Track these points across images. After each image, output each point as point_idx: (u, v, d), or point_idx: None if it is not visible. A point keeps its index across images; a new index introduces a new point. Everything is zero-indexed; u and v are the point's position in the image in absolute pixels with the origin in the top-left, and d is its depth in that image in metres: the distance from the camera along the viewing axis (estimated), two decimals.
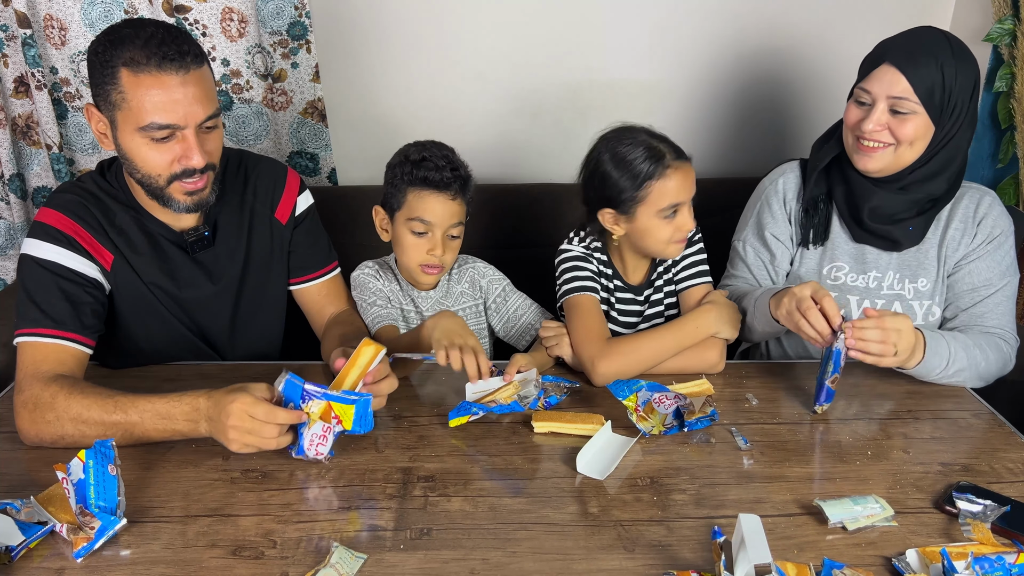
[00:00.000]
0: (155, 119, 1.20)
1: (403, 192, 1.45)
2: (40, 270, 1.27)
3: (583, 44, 2.14)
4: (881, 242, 1.48)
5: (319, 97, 2.09)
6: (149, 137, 1.22)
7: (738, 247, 1.61)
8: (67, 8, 1.90)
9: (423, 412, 1.30)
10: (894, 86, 1.35)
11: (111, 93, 1.21)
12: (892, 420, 1.30)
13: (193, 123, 1.23)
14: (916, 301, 1.48)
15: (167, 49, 1.19)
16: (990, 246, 1.44)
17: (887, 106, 1.36)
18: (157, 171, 1.26)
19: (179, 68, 1.20)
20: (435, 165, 1.43)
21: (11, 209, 1.99)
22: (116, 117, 1.23)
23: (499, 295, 1.61)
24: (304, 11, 1.99)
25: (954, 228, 1.46)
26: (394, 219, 1.49)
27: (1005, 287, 1.44)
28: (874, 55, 1.41)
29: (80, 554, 0.96)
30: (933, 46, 1.35)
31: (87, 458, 0.99)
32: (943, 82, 1.33)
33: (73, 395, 1.16)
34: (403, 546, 0.99)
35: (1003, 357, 1.41)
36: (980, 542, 0.99)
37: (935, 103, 1.34)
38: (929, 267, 1.48)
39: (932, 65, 1.33)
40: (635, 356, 1.39)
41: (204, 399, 1.13)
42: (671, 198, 1.38)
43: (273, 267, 1.50)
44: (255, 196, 1.47)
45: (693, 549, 0.99)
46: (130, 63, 1.18)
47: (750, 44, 2.17)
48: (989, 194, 1.48)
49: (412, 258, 1.48)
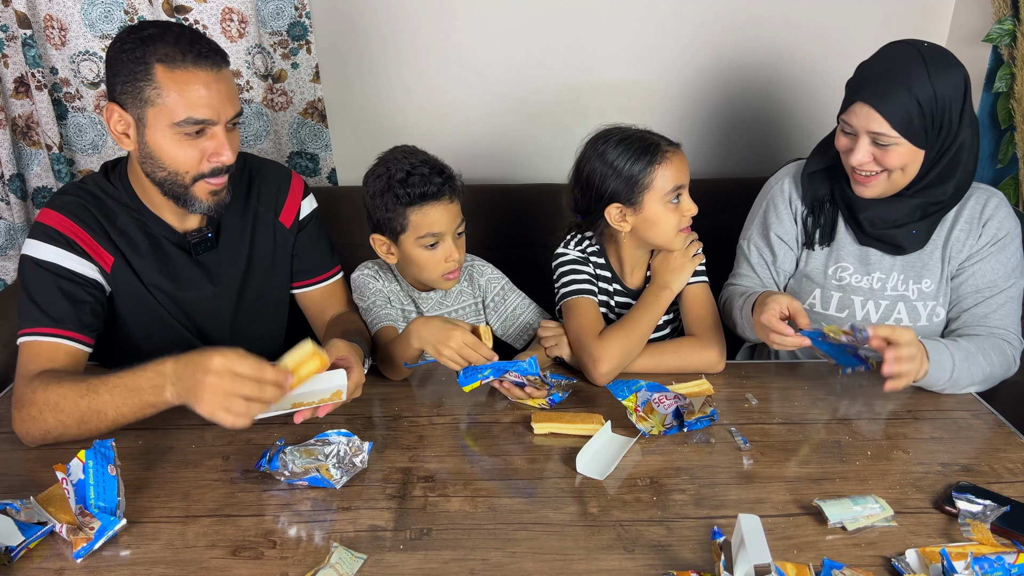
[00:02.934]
0: (192, 114, 1.21)
1: (402, 215, 1.43)
2: (40, 271, 1.27)
3: (583, 44, 2.14)
4: (885, 246, 1.48)
5: (319, 97, 2.09)
6: (182, 133, 1.23)
7: (743, 246, 1.61)
8: (67, 8, 1.90)
9: (423, 412, 1.31)
10: (871, 122, 1.33)
11: (144, 89, 1.21)
12: (892, 420, 1.30)
13: (224, 120, 1.25)
14: (920, 302, 1.48)
15: (200, 47, 1.21)
16: (995, 247, 1.43)
17: (869, 139, 1.35)
18: (185, 168, 1.26)
19: (212, 65, 1.22)
20: (422, 176, 1.41)
21: (11, 209, 1.99)
22: (146, 114, 1.22)
23: (498, 293, 1.61)
24: (304, 11, 1.99)
25: (959, 229, 1.45)
26: (399, 242, 1.46)
27: (1010, 288, 1.43)
28: (851, 87, 1.39)
29: (80, 554, 0.96)
30: (905, 73, 1.32)
31: (87, 459, 0.99)
32: (920, 108, 1.31)
33: (51, 386, 1.17)
34: (403, 546, 0.99)
35: (1007, 360, 1.39)
36: (980, 542, 0.99)
37: (916, 130, 1.32)
38: (933, 268, 1.47)
39: (905, 95, 1.31)
40: (627, 343, 1.40)
41: (170, 363, 1.09)
42: (673, 181, 1.41)
43: (276, 271, 1.51)
44: (259, 199, 1.47)
45: (693, 549, 0.99)
46: (165, 59, 1.20)
47: (751, 44, 2.17)
48: (996, 195, 1.46)
49: (433, 271, 1.47)
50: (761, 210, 1.59)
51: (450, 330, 1.27)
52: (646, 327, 1.43)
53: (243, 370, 1.04)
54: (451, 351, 1.26)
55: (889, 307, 1.49)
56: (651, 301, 1.46)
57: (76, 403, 1.14)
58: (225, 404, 1.03)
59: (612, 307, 1.56)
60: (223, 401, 1.03)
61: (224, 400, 1.03)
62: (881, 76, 1.34)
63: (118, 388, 1.13)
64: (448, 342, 1.26)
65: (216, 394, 1.03)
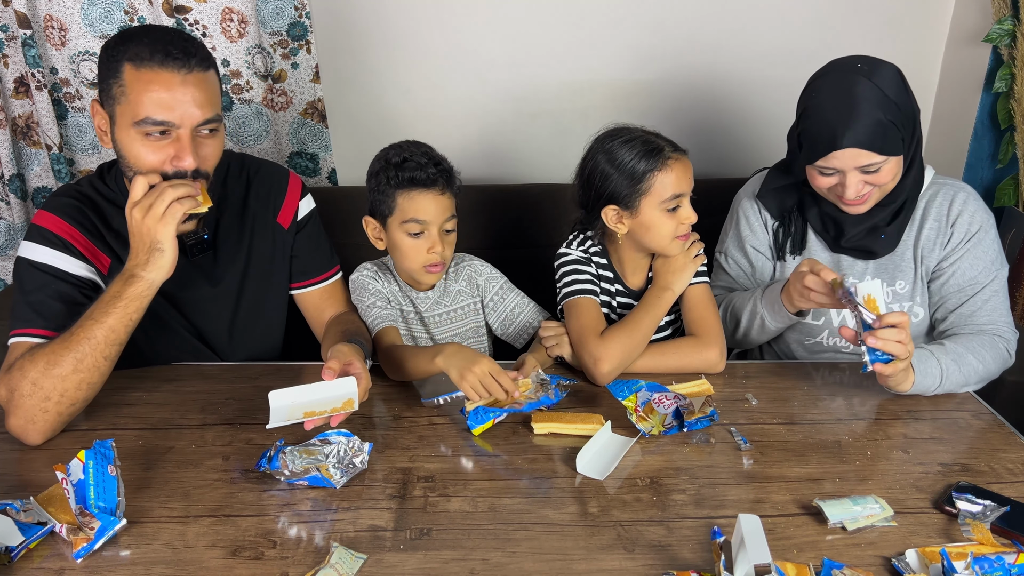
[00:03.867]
0: (151, 115, 1.20)
1: (391, 197, 1.45)
2: (36, 273, 1.27)
3: (583, 44, 2.14)
4: (857, 253, 1.49)
5: (319, 97, 2.09)
6: (143, 133, 1.22)
7: (720, 260, 1.63)
8: (67, 8, 1.90)
9: (423, 412, 1.31)
10: (858, 159, 1.32)
11: (113, 87, 1.22)
12: (892, 420, 1.30)
13: (189, 124, 1.23)
14: (896, 304, 1.48)
15: (172, 48, 1.20)
16: (969, 243, 1.43)
17: (859, 172, 1.34)
18: (147, 169, 1.24)
19: (181, 67, 1.21)
20: (417, 164, 1.43)
21: (11, 209, 1.99)
22: (116, 111, 1.23)
23: (496, 293, 1.61)
24: (304, 11, 1.99)
25: (928, 228, 1.45)
26: (387, 226, 1.48)
27: (992, 282, 1.43)
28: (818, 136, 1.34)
29: (80, 555, 0.96)
30: (864, 100, 1.30)
31: (87, 459, 0.99)
32: (892, 123, 1.31)
33: (35, 353, 1.18)
34: (403, 546, 0.99)
35: (1000, 355, 1.40)
36: (980, 542, 0.99)
37: (894, 143, 1.32)
38: (906, 269, 1.47)
39: (878, 121, 1.30)
40: (629, 344, 1.40)
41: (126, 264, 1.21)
42: (673, 188, 1.39)
43: (274, 271, 1.50)
44: (257, 200, 1.47)
45: (693, 549, 0.99)
46: (134, 58, 1.20)
47: (750, 44, 2.17)
48: (964, 189, 1.45)
49: (414, 260, 1.48)
50: (733, 223, 1.61)
51: (478, 358, 1.26)
52: (647, 328, 1.43)
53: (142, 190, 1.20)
54: (474, 378, 1.24)
55: None
56: (653, 302, 1.46)
57: (64, 348, 1.16)
58: (164, 220, 1.19)
59: (614, 307, 1.56)
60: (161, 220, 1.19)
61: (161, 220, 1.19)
62: (848, 115, 1.31)
63: (96, 308, 1.19)
64: (473, 367, 1.24)
65: (152, 219, 1.19)
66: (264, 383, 1.38)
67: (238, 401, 1.32)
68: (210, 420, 1.27)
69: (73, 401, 1.18)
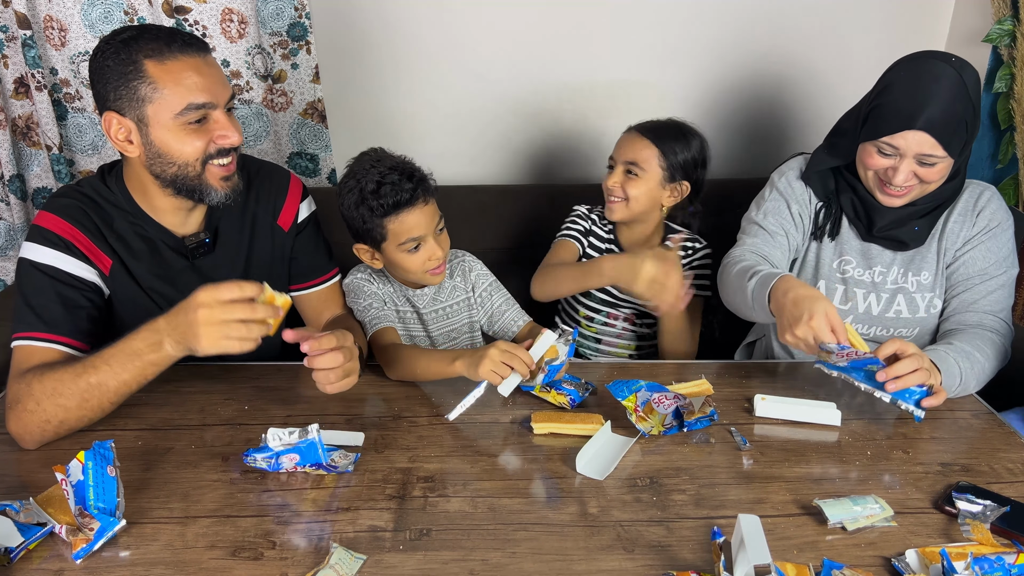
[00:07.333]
0: (192, 100, 1.22)
1: (380, 225, 1.43)
2: (37, 274, 1.27)
3: (583, 45, 2.14)
4: (888, 243, 1.50)
5: (319, 98, 2.09)
6: (184, 122, 1.23)
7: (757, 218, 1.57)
8: (67, 9, 1.90)
9: (423, 412, 1.30)
10: (923, 146, 1.34)
11: (139, 88, 1.21)
12: (892, 420, 1.30)
13: (222, 102, 1.26)
14: (919, 294, 1.49)
15: (179, 36, 1.23)
16: (987, 235, 1.45)
17: (915, 160, 1.36)
18: (194, 156, 1.26)
19: (198, 51, 1.24)
20: (393, 184, 1.40)
21: (11, 210, 1.99)
22: (145, 113, 1.22)
23: (485, 290, 1.62)
24: (304, 12, 1.99)
25: (953, 221, 1.47)
26: (382, 249, 1.48)
27: (1001, 276, 1.45)
28: (896, 112, 1.35)
29: (79, 555, 0.96)
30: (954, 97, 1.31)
31: (86, 459, 0.99)
32: (965, 125, 1.33)
33: (45, 375, 1.17)
34: (403, 547, 0.99)
35: (999, 350, 1.40)
36: (980, 542, 0.99)
37: (958, 143, 1.34)
38: (930, 259, 1.49)
39: (959, 119, 1.32)
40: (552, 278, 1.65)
41: (161, 319, 1.13)
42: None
43: (274, 273, 1.50)
44: (257, 202, 1.47)
45: (693, 549, 0.99)
46: (153, 54, 1.20)
47: (750, 45, 2.17)
48: (989, 189, 1.49)
49: (419, 270, 1.48)
50: (779, 189, 1.57)
51: (486, 347, 1.27)
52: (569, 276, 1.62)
53: (229, 295, 1.06)
54: (489, 362, 1.24)
55: (889, 300, 1.50)
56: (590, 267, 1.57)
57: (75, 382, 1.15)
58: (224, 332, 1.06)
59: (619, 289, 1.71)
60: (221, 330, 1.06)
61: (222, 329, 1.06)
62: (930, 97, 1.32)
63: (115, 357, 1.15)
64: (484, 356, 1.25)
65: (212, 325, 1.06)
66: (264, 383, 1.38)
67: (238, 401, 1.32)
68: (209, 420, 1.27)
69: (72, 428, 1.19)
